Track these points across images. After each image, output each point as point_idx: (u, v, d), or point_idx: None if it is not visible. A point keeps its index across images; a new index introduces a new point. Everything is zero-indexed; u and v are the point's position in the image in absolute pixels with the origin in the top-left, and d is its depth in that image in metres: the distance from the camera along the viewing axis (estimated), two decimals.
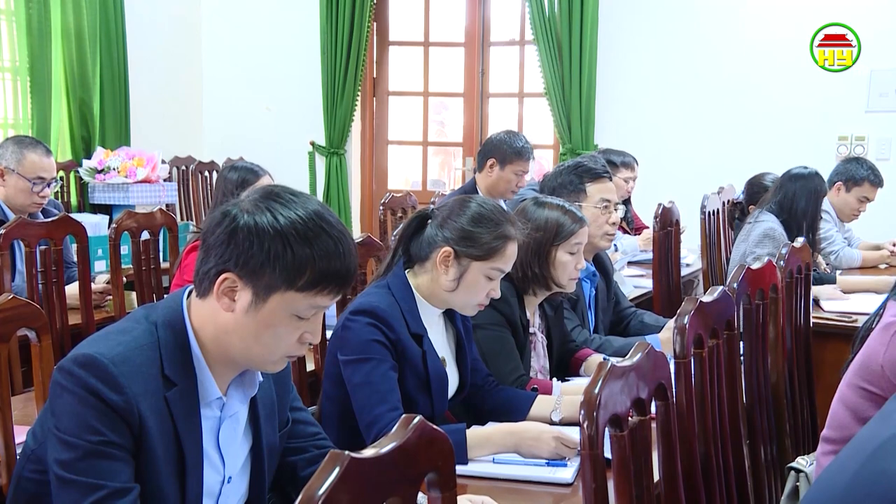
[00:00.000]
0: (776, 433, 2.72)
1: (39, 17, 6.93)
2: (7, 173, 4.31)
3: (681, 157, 7.21)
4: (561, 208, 3.10)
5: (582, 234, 3.09)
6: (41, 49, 6.96)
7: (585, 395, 1.64)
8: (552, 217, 3.06)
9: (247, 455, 2.02)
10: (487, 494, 2.11)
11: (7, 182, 4.32)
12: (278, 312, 1.83)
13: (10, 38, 6.87)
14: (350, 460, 1.21)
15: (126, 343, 1.84)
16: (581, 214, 3.14)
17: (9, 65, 6.89)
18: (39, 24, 6.93)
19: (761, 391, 2.63)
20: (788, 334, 2.95)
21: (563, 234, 3.04)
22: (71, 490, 1.75)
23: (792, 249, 3.06)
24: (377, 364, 2.52)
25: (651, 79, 7.45)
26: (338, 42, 7.97)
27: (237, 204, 1.86)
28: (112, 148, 7.18)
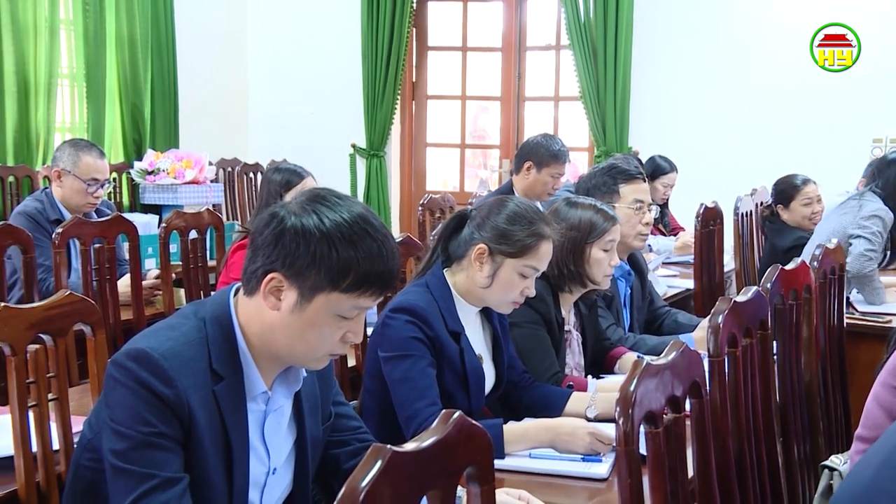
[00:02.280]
0: (809, 431, 2.69)
1: (95, 26, 7.02)
2: (64, 174, 4.36)
3: (714, 159, 7.15)
4: (593, 207, 3.09)
5: (614, 231, 3.08)
6: (96, 56, 7.05)
7: (621, 393, 1.63)
8: (585, 216, 3.05)
9: (291, 448, 2.03)
10: (524, 488, 2.10)
11: (64, 183, 4.37)
12: (322, 312, 1.83)
13: (68, 47, 6.97)
14: (392, 454, 1.21)
15: (176, 338, 1.85)
16: (612, 212, 3.14)
17: (66, 71, 6.99)
18: (95, 32, 7.02)
19: (795, 390, 2.60)
20: (822, 334, 2.91)
21: (597, 231, 3.03)
22: (124, 478, 1.77)
23: (826, 251, 3.03)
24: (416, 360, 2.52)
25: (684, 82, 7.41)
26: (378, 47, 7.99)
27: (285, 206, 1.87)
28: (162, 150, 7.25)
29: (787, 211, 5.21)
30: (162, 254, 4.24)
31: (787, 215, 5.20)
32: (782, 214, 5.23)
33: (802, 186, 5.20)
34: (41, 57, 6.64)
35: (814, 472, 2.60)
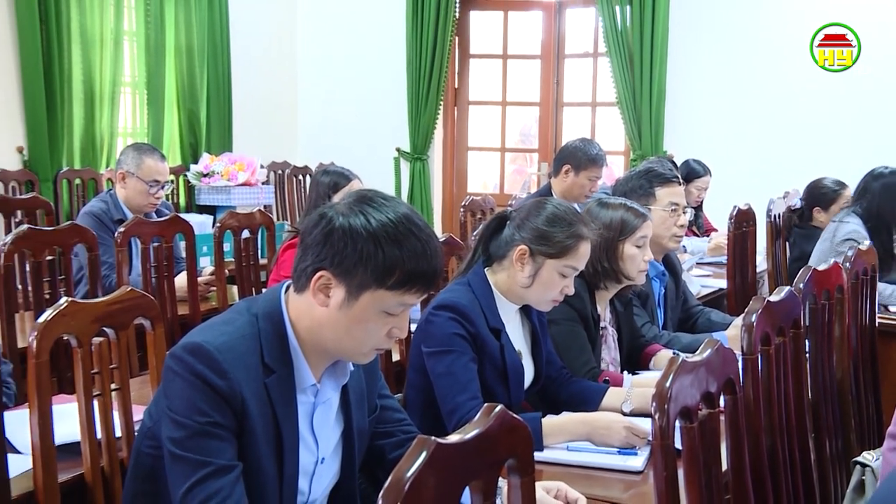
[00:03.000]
0: (841, 428, 2.65)
1: (156, 37, 7.11)
2: (127, 176, 4.41)
3: (747, 162, 7.09)
4: (623, 206, 3.09)
5: (646, 227, 3.07)
6: (157, 65, 7.14)
7: (657, 388, 1.62)
8: (616, 215, 3.04)
9: (339, 438, 2.03)
10: (561, 480, 2.09)
11: (127, 184, 4.42)
12: (369, 309, 1.83)
13: (131, 57, 7.07)
14: (436, 445, 1.21)
15: (230, 333, 1.86)
16: (643, 210, 3.12)
17: (129, 80, 7.08)
18: (156, 43, 7.11)
19: (827, 387, 2.57)
20: (854, 333, 2.87)
21: (629, 229, 3.03)
22: (181, 465, 1.78)
23: (858, 252, 2.99)
24: (458, 356, 2.51)
25: (718, 88, 7.35)
26: (422, 55, 8.00)
27: (333, 207, 1.87)
28: (216, 154, 7.32)
29: (826, 213, 5.11)
30: (216, 252, 4.28)
31: (824, 217, 5.10)
32: (818, 217, 5.15)
33: (842, 190, 5.12)
34: (106, 66, 6.74)
35: (846, 469, 2.56)
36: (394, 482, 1.16)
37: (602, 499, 2.15)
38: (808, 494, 2.28)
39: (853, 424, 2.76)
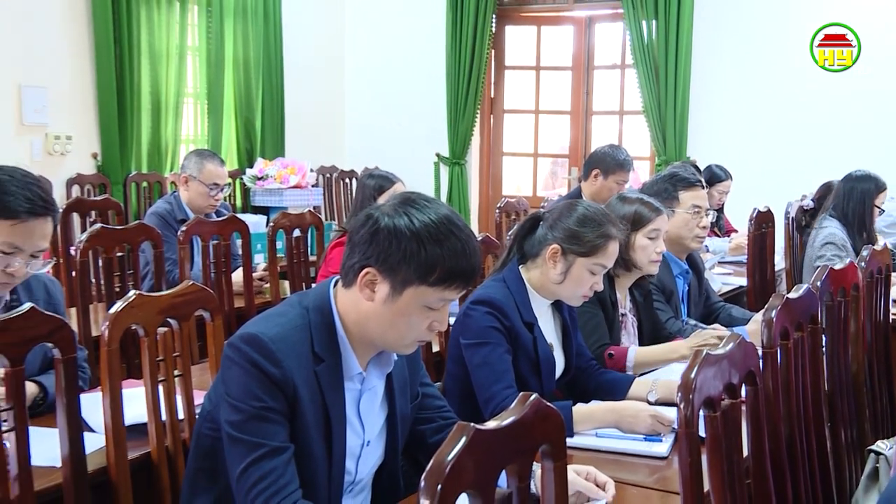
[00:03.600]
0: (856, 418, 2.61)
1: (216, 52, 7.17)
2: (190, 180, 4.45)
3: (766, 166, 7.00)
4: (639, 200, 3.09)
5: (659, 221, 3.06)
6: (216, 77, 7.20)
7: (683, 380, 1.61)
8: (631, 208, 3.05)
9: (383, 423, 2.04)
10: (591, 464, 2.07)
11: (190, 187, 4.46)
12: (411, 304, 1.83)
13: (193, 70, 7.14)
14: (475, 431, 1.21)
15: (283, 324, 1.87)
16: (658, 205, 3.12)
17: (191, 91, 7.14)
18: (216, 57, 7.17)
19: (842, 379, 2.53)
20: (868, 329, 2.83)
21: (642, 221, 3.02)
22: (238, 447, 1.80)
23: (873, 252, 2.94)
24: (494, 347, 2.51)
25: (739, 96, 7.28)
26: (460, 67, 8.00)
27: (379, 208, 1.88)
28: (270, 158, 7.35)
29: None
30: (270, 249, 4.29)
31: None
32: None
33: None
34: (171, 79, 6.80)
35: (860, 457, 2.52)
36: (435, 465, 1.16)
37: (629, 482, 2.13)
38: (824, 480, 2.24)
39: (867, 415, 2.72)
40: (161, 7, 6.69)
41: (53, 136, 6.14)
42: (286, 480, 1.78)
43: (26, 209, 2.37)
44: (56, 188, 5.93)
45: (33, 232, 2.40)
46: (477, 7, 7.88)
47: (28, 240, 2.40)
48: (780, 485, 1.98)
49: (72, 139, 6.25)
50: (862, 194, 4.58)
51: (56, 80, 6.13)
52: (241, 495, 1.79)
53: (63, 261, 4.46)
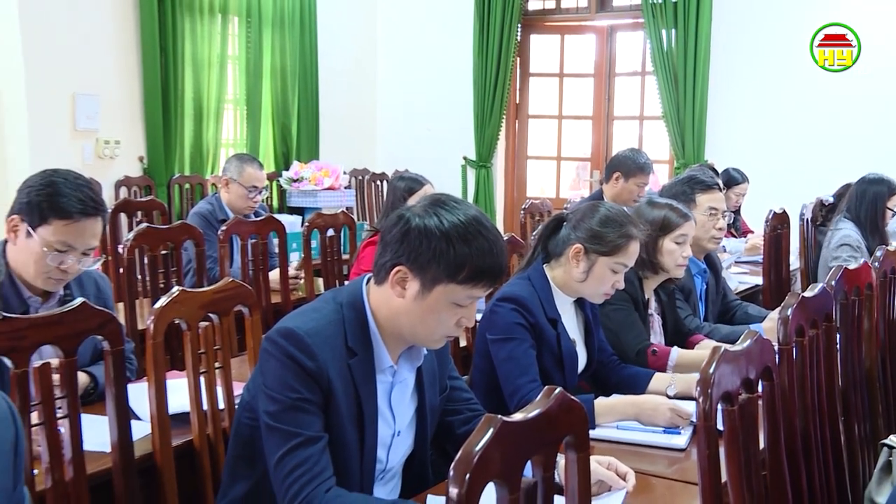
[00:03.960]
0: (870, 413, 2.57)
1: (255, 61, 7.20)
2: (231, 182, 4.48)
3: (781, 170, 6.91)
4: (668, 206, 3.06)
5: (686, 227, 3.03)
6: (255, 85, 7.22)
7: (702, 375, 1.60)
8: (660, 213, 3.02)
9: (413, 414, 2.04)
10: (612, 455, 2.07)
11: (230, 189, 4.49)
12: (441, 301, 1.83)
13: (234, 78, 7.17)
14: (502, 423, 1.20)
15: (318, 319, 1.88)
16: (686, 211, 3.09)
17: (231, 97, 7.17)
18: (255, 65, 7.20)
19: (856, 376, 2.50)
20: (882, 327, 2.79)
21: (670, 226, 3.00)
22: (275, 435, 1.80)
23: (886, 253, 2.91)
24: (519, 343, 2.51)
25: (755, 102, 7.21)
26: (487, 74, 7.98)
27: (410, 209, 1.88)
28: (305, 161, 7.37)
29: None
30: (305, 248, 4.30)
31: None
32: None
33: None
34: (213, 86, 6.83)
35: (873, 450, 2.49)
36: (464, 455, 1.16)
37: (648, 473, 2.12)
38: (838, 473, 2.22)
39: (880, 410, 2.68)
40: (204, 18, 6.73)
41: (103, 141, 6.19)
42: (321, 468, 1.78)
43: (78, 210, 2.41)
44: (105, 190, 5.99)
45: (85, 231, 2.44)
46: (503, 17, 7.86)
47: (80, 238, 2.43)
48: (795, 476, 1.96)
49: (120, 143, 6.29)
50: (874, 197, 4.53)
51: (106, 88, 6.17)
52: (278, 482, 1.80)
53: (111, 258, 4.50)
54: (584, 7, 7.97)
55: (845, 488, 2.25)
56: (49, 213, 2.40)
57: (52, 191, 2.41)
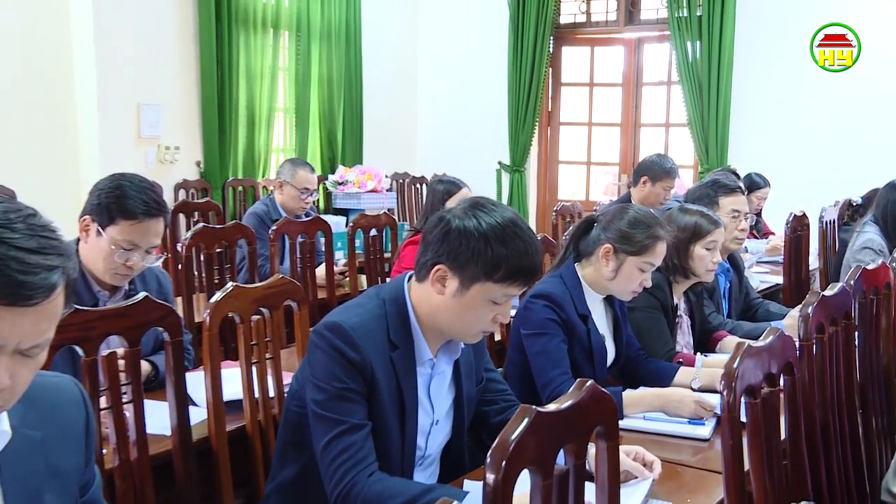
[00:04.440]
0: (887, 408, 2.53)
1: (304, 71, 7.24)
2: (284, 185, 4.51)
3: (801, 174, 6.82)
4: (699, 213, 3.01)
5: (717, 233, 2.98)
6: (304, 94, 7.26)
7: (726, 369, 1.59)
8: (691, 220, 2.97)
9: (450, 404, 2.03)
10: (639, 444, 2.05)
11: (284, 191, 4.52)
12: (478, 298, 1.82)
13: (284, 87, 7.20)
14: (537, 413, 1.20)
15: (362, 314, 1.88)
16: (717, 218, 3.04)
17: (282, 105, 7.21)
18: (304, 76, 7.24)
19: (874, 371, 2.46)
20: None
21: (700, 233, 2.95)
22: (322, 422, 1.81)
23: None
24: (551, 337, 2.49)
25: (776, 110, 7.11)
26: (521, 84, 7.95)
27: (451, 210, 1.87)
28: (349, 165, 7.40)
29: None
30: (349, 247, 4.32)
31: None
32: None
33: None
34: (264, 96, 6.88)
35: (890, 443, 2.46)
36: (500, 443, 1.16)
37: (673, 462, 2.11)
38: (856, 464, 2.19)
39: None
40: (257, 33, 6.78)
41: (164, 147, 6.26)
42: (364, 454, 1.79)
43: (143, 211, 2.45)
44: (165, 192, 6.06)
45: (148, 230, 2.47)
46: (536, 30, 7.83)
47: (144, 237, 2.46)
48: (814, 466, 1.94)
49: (179, 149, 6.36)
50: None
51: (167, 98, 6.25)
52: (324, 466, 1.80)
53: (171, 256, 4.56)
54: (613, 20, 7.92)
55: (863, 479, 2.21)
56: (117, 213, 2.44)
57: (120, 193, 2.45)
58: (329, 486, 1.79)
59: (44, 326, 1.15)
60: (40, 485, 1.29)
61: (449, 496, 1.70)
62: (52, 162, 5.66)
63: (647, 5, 7.78)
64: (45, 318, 1.14)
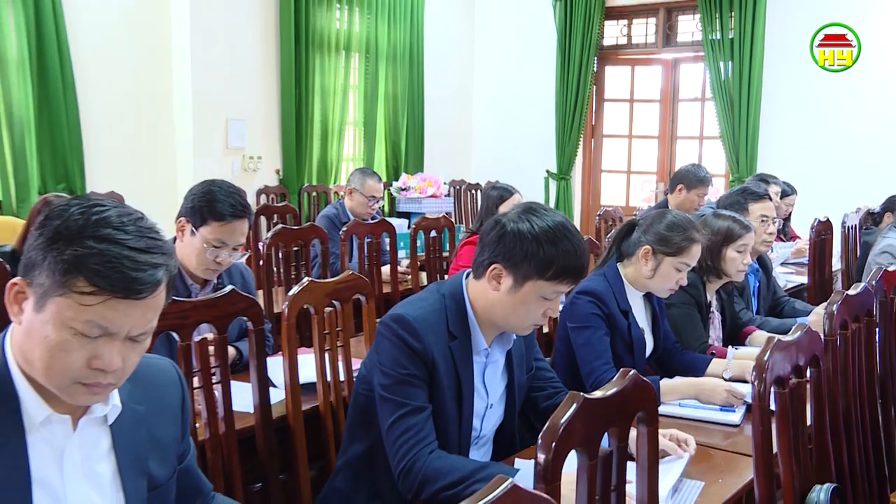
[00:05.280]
0: None
1: (372, 89, 7.29)
2: (354, 192, 4.55)
3: (826, 182, 6.65)
4: (732, 218, 2.95)
5: (748, 237, 2.93)
6: (371, 109, 7.31)
7: (757, 361, 1.56)
8: (724, 224, 2.92)
9: (503, 390, 2.03)
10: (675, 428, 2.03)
11: (353, 198, 4.55)
12: (530, 295, 1.82)
13: (354, 103, 7.25)
14: (584, 400, 1.19)
15: (424, 307, 1.88)
16: (748, 223, 2.98)
17: (351, 119, 7.26)
18: (371, 93, 7.29)
19: (893, 364, 2.39)
20: None
21: (732, 237, 2.89)
22: (387, 405, 1.82)
23: None
24: (595, 330, 2.47)
25: (802, 123, 6.96)
26: (567, 99, 7.90)
27: (506, 214, 1.87)
28: (411, 173, 7.42)
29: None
30: (411, 247, 4.33)
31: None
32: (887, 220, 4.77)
33: None
34: (336, 110, 6.94)
35: None
36: (550, 426, 1.15)
37: (706, 445, 2.08)
38: (876, 450, 2.13)
39: None
40: (331, 55, 6.84)
41: (248, 157, 6.36)
42: (425, 433, 1.79)
43: (230, 213, 2.49)
44: (249, 197, 6.11)
45: (235, 230, 2.51)
46: (581, 51, 7.77)
47: (231, 236, 2.51)
48: (837, 451, 1.90)
49: (261, 159, 6.45)
50: None
51: (252, 113, 6.34)
52: (389, 443, 1.81)
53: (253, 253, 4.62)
54: (652, 43, 7.82)
55: (882, 463, 2.16)
56: (208, 215, 2.48)
57: (211, 198, 2.49)
58: (393, 461, 1.79)
59: (150, 316, 1.18)
60: (145, 452, 1.33)
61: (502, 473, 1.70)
62: (153, 170, 5.79)
63: (683, 28, 7.66)
64: (151, 309, 1.18)
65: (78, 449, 1.24)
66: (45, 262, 1.13)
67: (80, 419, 1.25)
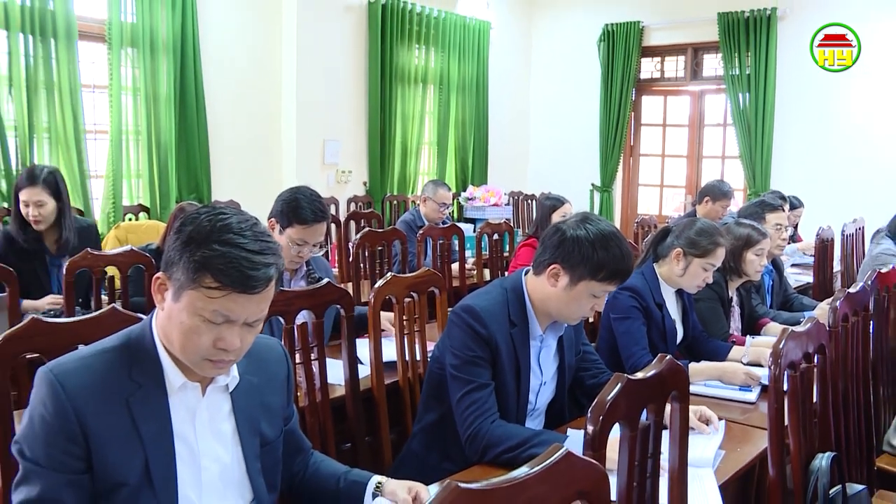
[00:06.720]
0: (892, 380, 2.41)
1: (444, 114, 7.27)
2: (427, 200, 4.57)
3: (829, 197, 6.39)
4: (751, 226, 2.90)
5: (765, 243, 2.87)
6: (444, 132, 7.30)
7: (773, 349, 1.54)
8: (745, 231, 2.86)
9: (555, 370, 2.02)
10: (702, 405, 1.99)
11: (427, 205, 4.57)
12: (583, 292, 1.81)
13: (429, 126, 7.24)
14: (628, 380, 1.18)
15: (489, 299, 1.88)
16: (765, 230, 2.93)
17: (427, 140, 7.27)
18: (444, 118, 7.27)
19: (883, 352, 2.35)
20: None
21: (752, 242, 2.83)
22: (456, 381, 1.82)
23: None
24: (634, 321, 2.44)
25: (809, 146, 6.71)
26: (609, 123, 7.79)
27: (565, 222, 1.86)
28: (477, 185, 7.40)
29: None
30: (477, 248, 4.34)
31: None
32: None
33: None
34: (414, 133, 6.96)
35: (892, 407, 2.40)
36: (598, 403, 1.15)
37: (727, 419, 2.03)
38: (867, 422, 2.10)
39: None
40: (410, 86, 6.88)
41: (341, 171, 6.44)
42: (488, 406, 1.80)
43: (312, 218, 2.48)
44: (341, 204, 6.26)
45: (315, 232, 2.50)
46: (622, 83, 7.66)
47: (312, 237, 2.50)
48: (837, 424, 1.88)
49: (351, 173, 6.53)
50: None
51: (344, 135, 6.41)
52: (457, 414, 1.82)
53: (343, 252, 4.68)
54: (682, 76, 7.65)
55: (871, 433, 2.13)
56: (293, 219, 2.46)
57: (296, 205, 2.47)
58: (461, 429, 1.80)
59: (263, 306, 1.22)
60: (258, 415, 1.36)
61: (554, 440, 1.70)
62: (263, 182, 5.92)
63: (708, 65, 7.50)
64: (264, 300, 1.21)
65: (206, 410, 1.29)
66: (180, 261, 1.18)
67: (208, 387, 1.29)
